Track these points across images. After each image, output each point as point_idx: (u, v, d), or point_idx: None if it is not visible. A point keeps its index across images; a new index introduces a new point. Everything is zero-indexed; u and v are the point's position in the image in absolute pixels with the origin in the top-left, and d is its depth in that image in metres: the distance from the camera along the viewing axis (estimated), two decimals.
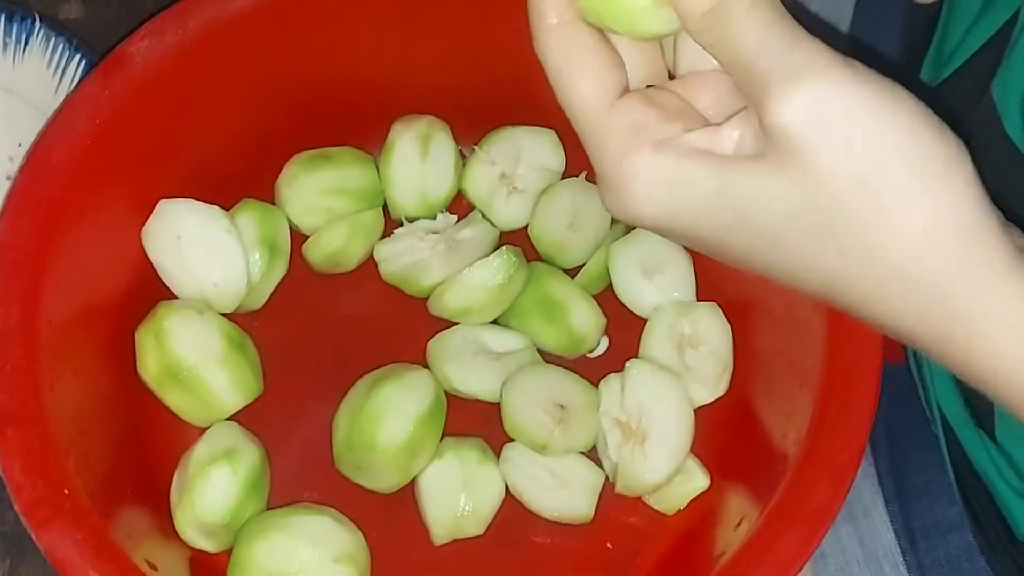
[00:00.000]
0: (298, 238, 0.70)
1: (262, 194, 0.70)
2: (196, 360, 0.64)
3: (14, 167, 0.68)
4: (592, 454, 0.66)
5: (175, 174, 0.67)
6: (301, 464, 0.67)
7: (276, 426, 0.67)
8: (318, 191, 0.70)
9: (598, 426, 0.65)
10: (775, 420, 0.62)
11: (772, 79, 0.40)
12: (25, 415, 0.57)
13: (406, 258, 0.69)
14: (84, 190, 0.62)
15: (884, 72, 0.41)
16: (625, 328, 0.69)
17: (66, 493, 0.56)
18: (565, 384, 0.66)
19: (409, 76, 0.71)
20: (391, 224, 0.71)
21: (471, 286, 0.67)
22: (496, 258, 0.67)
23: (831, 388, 0.58)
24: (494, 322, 0.69)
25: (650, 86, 0.47)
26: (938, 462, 0.65)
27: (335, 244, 0.69)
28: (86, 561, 0.54)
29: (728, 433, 0.66)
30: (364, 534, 0.63)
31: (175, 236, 0.66)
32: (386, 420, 0.63)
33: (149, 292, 0.66)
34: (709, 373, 0.66)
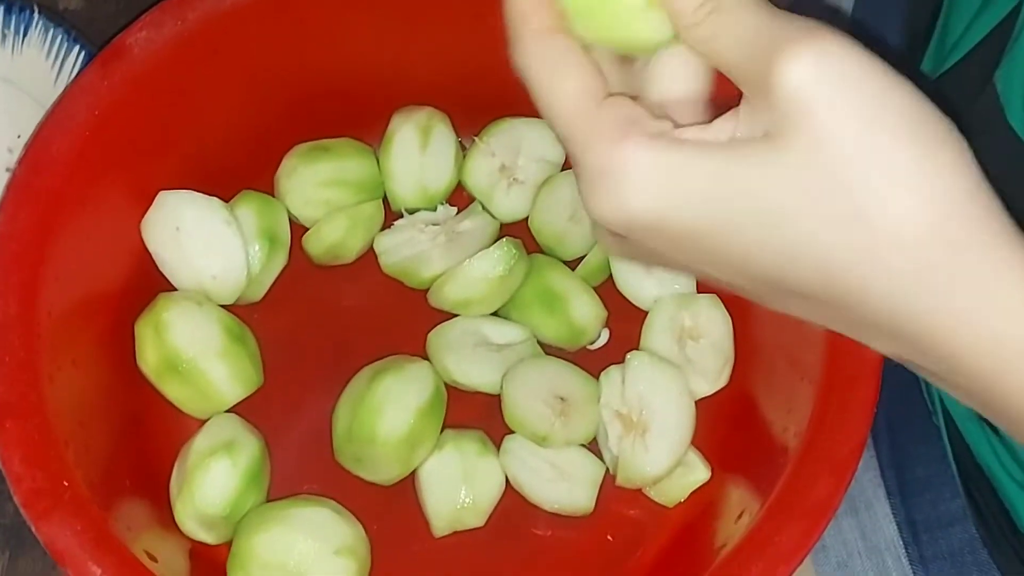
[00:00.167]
0: (298, 230, 0.70)
1: (261, 186, 0.70)
2: (195, 352, 0.64)
3: (13, 158, 0.68)
4: (593, 446, 0.66)
5: (174, 165, 0.67)
6: (301, 456, 0.67)
7: (276, 418, 0.67)
8: (318, 183, 0.70)
9: (599, 418, 0.65)
10: (776, 413, 0.62)
11: (776, 44, 0.39)
12: (24, 406, 0.57)
13: (406, 250, 0.69)
14: (83, 181, 0.62)
15: (885, 60, 0.41)
16: (626, 320, 0.69)
17: (66, 485, 0.56)
18: (565, 376, 0.66)
19: (409, 67, 0.70)
20: (391, 216, 0.71)
21: (471, 278, 0.66)
22: (496, 250, 0.66)
23: (832, 381, 0.58)
24: (494, 314, 0.69)
25: None
26: (940, 455, 0.65)
27: (335, 236, 0.69)
28: (86, 552, 0.54)
29: (729, 426, 0.66)
30: (364, 526, 0.63)
31: (174, 228, 0.66)
32: (386, 412, 0.63)
33: (148, 284, 0.66)
34: (710, 365, 0.66)
